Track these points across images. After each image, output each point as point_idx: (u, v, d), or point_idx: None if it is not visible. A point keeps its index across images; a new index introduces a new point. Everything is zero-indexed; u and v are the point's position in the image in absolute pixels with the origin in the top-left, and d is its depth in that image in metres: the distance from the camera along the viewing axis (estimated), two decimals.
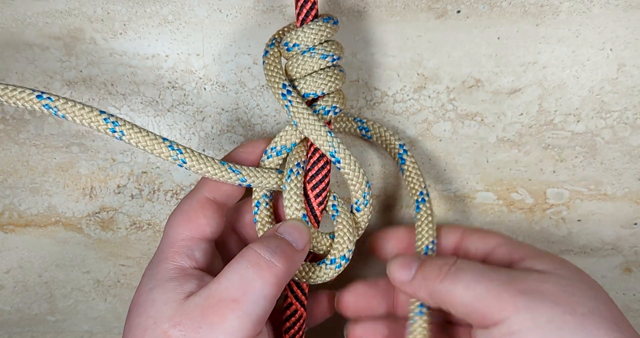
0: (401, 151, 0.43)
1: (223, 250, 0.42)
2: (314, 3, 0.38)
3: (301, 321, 0.41)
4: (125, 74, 0.44)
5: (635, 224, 0.47)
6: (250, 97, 0.44)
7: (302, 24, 0.39)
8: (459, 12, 0.42)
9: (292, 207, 0.39)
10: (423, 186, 0.42)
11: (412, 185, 0.42)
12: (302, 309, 0.41)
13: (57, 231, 0.47)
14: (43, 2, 0.42)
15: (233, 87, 0.44)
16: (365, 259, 0.48)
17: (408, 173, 0.43)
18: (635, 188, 0.46)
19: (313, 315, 0.44)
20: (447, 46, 0.43)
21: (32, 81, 0.44)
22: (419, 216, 0.41)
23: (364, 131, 0.43)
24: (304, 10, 0.38)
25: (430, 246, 0.40)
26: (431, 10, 0.42)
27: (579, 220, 0.47)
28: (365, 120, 0.43)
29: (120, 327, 0.50)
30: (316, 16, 0.39)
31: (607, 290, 0.48)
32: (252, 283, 0.35)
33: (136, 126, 0.37)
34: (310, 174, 0.40)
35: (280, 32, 0.40)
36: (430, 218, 0.41)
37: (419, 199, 0.42)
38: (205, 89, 0.44)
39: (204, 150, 0.45)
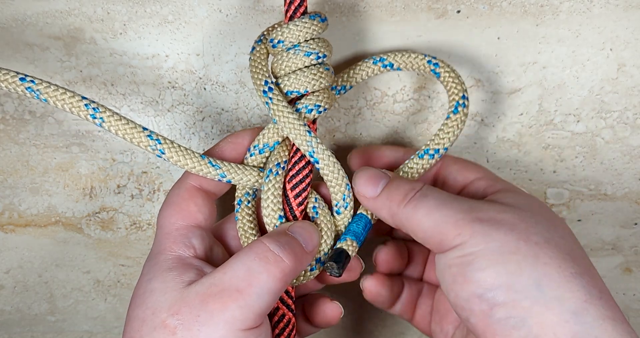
0: (432, 67, 0.41)
1: (224, 240, 0.41)
2: (300, 5, 0.38)
3: (290, 326, 0.40)
4: (125, 74, 0.44)
5: (636, 224, 0.47)
6: (250, 97, 0.44)
7: (290, 20, 0.38)
8: (459, 12, 0.42)
9: (269, 208, 0.39)
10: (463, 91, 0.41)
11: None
12: (290, 314, 0.40)
13: (57, 231, 0.47)
14: (43, 2, 0.42)
15: (233, 87, 0.44)
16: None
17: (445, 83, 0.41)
18: (635, 188, 0.46)
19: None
20: (447, 46, 0.43)
21: None
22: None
23: (391, 69, 0.42)
24: (292, 7, 0.38)
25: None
26: (431, 10, 0.42)
27: (579, 220, 0.47)
28: (387, 57, 0.41)
29: (121, 327, 0.50)
30: (305, 13, 0.38)
31: None
32: (258, 275, 0.34)
33: (117, 113, 0.37)
34: (290, 174, 0.39)
35: (270, 28, 0.40)
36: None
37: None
38: (205, 89, 0.44)
39: (204, 150, 0.45)
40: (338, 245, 0.39)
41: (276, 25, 0.40)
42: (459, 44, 0.43)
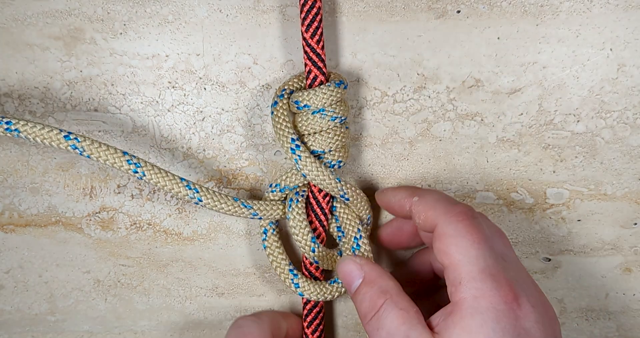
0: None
1: None
2: (323, 73, 0.40)
3: (322, 313, 0.44)
4: (125, 74, 0.44)
5: (635, 224, 0.47)
6: (250, 97, 0.44)
7: (310, 85, 0.41)
8: (459, 12, 0.42)
9: (300, 233, 0.42)
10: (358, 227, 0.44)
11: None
12: (321, 302, 0.44)
13: (57, 231, 0.47)
14: (43, 2, 0.42)
15: (233, 87, 0.44)
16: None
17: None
18: (635, 188, 0.46)
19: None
20: (447, 46, 0.43)
21: (32, 81, 0.44)
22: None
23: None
24: (311, 75, 0.41)
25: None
26: (431, 10, 0.42)
27: (579, 220, 0.47)
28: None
29: (121, 327, 0.50)
30: (325, 79, 0.41)
31: (607, 290, 0.48)
32: None
33: (156, 166, 0.40)
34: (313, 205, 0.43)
35: (290, 83, 0.41)
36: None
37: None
38: (205, 89, 0.44)
39: (204, 150, 0.45)
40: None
41: (296, 80, 0.42)
42: (459, 44, 0.43)
